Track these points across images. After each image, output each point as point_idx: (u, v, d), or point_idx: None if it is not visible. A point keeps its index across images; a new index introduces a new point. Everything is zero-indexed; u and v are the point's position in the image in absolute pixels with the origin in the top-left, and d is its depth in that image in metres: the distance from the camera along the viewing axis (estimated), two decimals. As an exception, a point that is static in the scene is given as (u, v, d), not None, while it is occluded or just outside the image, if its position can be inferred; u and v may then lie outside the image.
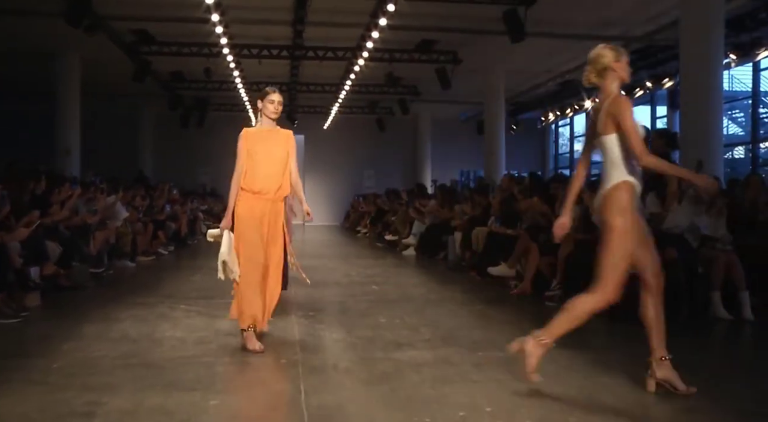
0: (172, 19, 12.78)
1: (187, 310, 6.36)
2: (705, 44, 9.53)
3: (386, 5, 10.93)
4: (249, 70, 16.54)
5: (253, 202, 4.91)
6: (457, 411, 3.47)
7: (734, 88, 18.74)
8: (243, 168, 4.91)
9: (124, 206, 10.57)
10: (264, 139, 4.99)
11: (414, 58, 15.38)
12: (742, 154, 18.43)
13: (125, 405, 3.52)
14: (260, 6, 12.42)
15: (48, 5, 11.60)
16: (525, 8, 11.15)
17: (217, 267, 4.89)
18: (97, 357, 4.51)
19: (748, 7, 11.93)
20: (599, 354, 4.82)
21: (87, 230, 8.70)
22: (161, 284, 8.36)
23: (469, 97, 19.76)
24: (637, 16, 12.84)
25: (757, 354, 5.41)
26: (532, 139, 25.16)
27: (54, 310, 6.48)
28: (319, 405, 3.58)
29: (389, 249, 13.82)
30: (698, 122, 9.47)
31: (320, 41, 14.50)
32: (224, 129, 21.37)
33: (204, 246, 15.10)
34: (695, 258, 6.38)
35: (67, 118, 15.68)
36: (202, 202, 19.34)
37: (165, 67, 16.96)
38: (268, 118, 5.04)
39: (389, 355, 4.55)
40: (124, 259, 10.11)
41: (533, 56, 15.38)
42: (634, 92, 17.04)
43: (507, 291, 7.75)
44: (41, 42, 14.30)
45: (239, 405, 3.68)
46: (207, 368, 4.29)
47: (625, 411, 3.54)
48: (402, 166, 25.17)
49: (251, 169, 4.92)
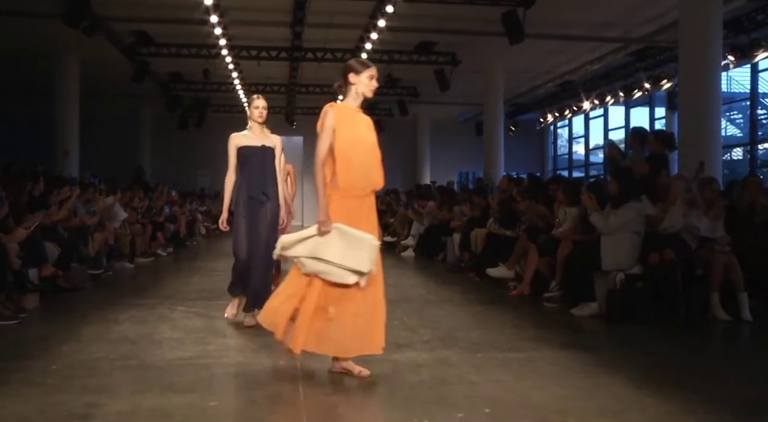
0: (171, 21, 12.79)
1: (186, 311, 6.35)
2: (703, 46, 9.54)
3: (385, 7, 10.94)
4: (248, 72, 16.56)
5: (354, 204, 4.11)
6: (456, 412, 3.47)
7: (732, 89, 18.77)
8: (329, 151, 4.04)
9: (122, 207, 10.58)
10: (356, 123, 4.14)
11: (413, 60, 15.41)
12: (740, 156, 18.45)
13: (124, 406, 3.51)
14: (259, 7, 12.43)
15: (47, 6, 11.60)
16: (524, 9, 11.17)
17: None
18: (95, 359, 4.51)
19: (746, 9, 11.95)
20: (598, 354, 4.82)
21: (86, 231, 8.70)
22: (160, 285, 8.35)
23: (468, 98, 19.77)
24: (636, 18, 12.86)
25: (755, 355, 5.41)
26: (530, 140, 25.17)
27: (52, 312, 6.47)
28: (318, 406, 3.58)
29: (388, 251, 13.82)
30: (697, 123, 9.48)
31: (319, 43, 14.52)
32: (223, 130, 21.25)
33: (202, 248, 15.11)
34: (693, 259, 6.39)
35: (65, 118, 15.69)
36: (200, 204, 19.35)
37: (164, 68, 16.96)
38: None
39: (388, 356, 4.54)
40: (122, 260, 10.11)
41: (532, 57, 15.41)
42: (632, 93, 17.09)
43: (506, 292, 7.75)
44: (40, 43, 14.30)
45: (238, 406, 3.67)
46: (206, 369, 4.29)
47: (623, 411, 3.54)
48: (401, 167, 25.17)
49: (346, 163, 4.06)
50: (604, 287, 6.23)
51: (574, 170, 23.39)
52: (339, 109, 4.08)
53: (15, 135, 20.11)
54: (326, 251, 3.92)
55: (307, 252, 3.96)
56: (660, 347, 5.26)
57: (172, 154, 23.70)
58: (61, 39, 13.26)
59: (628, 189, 6.42)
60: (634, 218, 6.32)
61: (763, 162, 16.78)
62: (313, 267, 3.94)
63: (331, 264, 3.90)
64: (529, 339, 5.28)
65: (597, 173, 21.01)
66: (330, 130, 4.04)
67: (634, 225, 6.33)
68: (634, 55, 15.65)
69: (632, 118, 20.12)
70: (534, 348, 4.96)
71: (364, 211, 4.11)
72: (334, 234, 3.95)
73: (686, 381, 4.06)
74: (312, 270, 3.95)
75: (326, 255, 3.91)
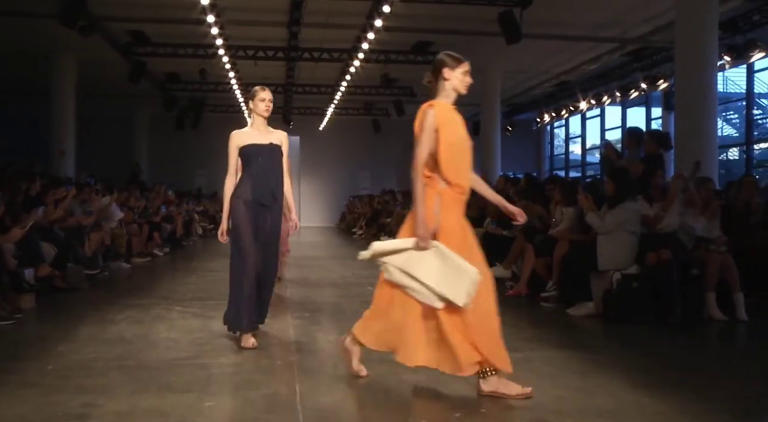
0: (167, 20, 12.78)
1: (183, 312, 6.35)
2: (700, 46, 9.56)
3: (381, 6, 10.94)
4: (244, 72, 16.54)
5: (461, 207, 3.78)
6: (453, 412, 3.47)
7: (728, 89, 18.83)
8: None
9: (119, 207, 10.56)
10: (457, 122, 3.87)
11: (409, 60, 15.41)
12: (736, 156, 18.50)
13: (120, 407, 3.51)
14: (256, 7, 12.42)
15: (43, 6, 11.58)
16: (520, 10, 11.19)
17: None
18: (92, 359, 4.50)
19: (742, 9, 11.99)
20: (595, 354, 4.83)
21: (82, 231, 8.69)
22: (156, 285, 8.34)
23: (464, 98, 19.54)
24: (633, 18, 12.88)
25: (751, 354, 5.42)
26: (527, 140, 25.20)
27: (49, 312, 6.46)
28: (315, 406, 3.57)
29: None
30: (693, 124, 9.51)
31: (316, 43, 14.51)
32: (220, 130, 21.32)
33: (199, 248, 15.09)
34: (690, 259, 6.40)
35: (62, 118, 15.67)
36: (197, 204, 19.33)
37: (160, 68, 16.94)
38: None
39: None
40: (119, 261, 10.09)
41: (529, 57, 15.42)
42: (629, 93, 17.12)
43: (503, 293, 7.75)
44: (36, 43, 14.27)
45: (234, 406, 3.67)
46: (202, 369, 4.29)
47: (620, 411, 3.54)
48: (398, 168, 25.18)
49: (453, 167, 3.71)
50: (601, 287, 6.24)
51: (571, 170, 23.42)
52: (441, 109, 3.78)
53: (11, 135, 20.07)
54: (420, 270, 3.61)
55: (398, 264, 3.66)
56: (657, 347, 5.26)
57: (168, 154, 23.69)
58: (58, 39, 13.22)
59: (624, 189, 6.43)
60: (630, 218, 6.33)
61: (759, 162, 16.82)
62: (402, 280, 3.66)
63: (422, 284, 3.60)
64: (526, 339, 5.28)
65: (594, 173, 21.03)
66: (432, 131, 3.69)
67: (631, 225, 6.34)
68: (630, 55, 15.68)
69: (629, 118, 20.17)
70: (531, 348, 4.97)
71: (468, 226, 3.79)
72: (432, 254, 3.61)
73: (683, 381, 4.07)
74: (398, 281, 3.67)
75: (420, 275, 3.60)
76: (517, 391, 3.66)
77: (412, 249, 3.64)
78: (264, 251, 4.88)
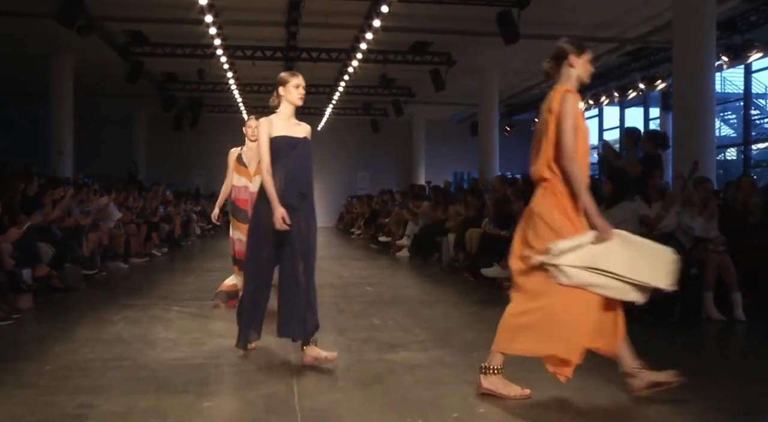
0: (165, 20, 12.76)
1: (181, 312, 6.34)
2: (697, 46, 9.57)
3: (380, 7, 10.94)
4: (243, 72, 16.53)
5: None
6: (450, 412, 3.47)
7: (726, 90, 18.86)
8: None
9: (117, 207, 10.55)
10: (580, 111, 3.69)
11: (408, 60, 15.41)
12: (734, 156, 18.54)
13: (118, 407, 3.51)
14: (254, 7, 12.41)
15: (41, 6, 11.56)
16: (519, 10, 11.19)
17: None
18: (89, 360, 4.50)
19: (740, 9, 11.99)
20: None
21: (80, 231, 8.68)
22: (154, 286, 8.33)
23: (463, 98, 19.79)
24: (631, 19, 12.89)
25: (749, 354, 5.43)
26: (525, 141, 25.09)
27: (46, 312, 6.45)
28: (313, 406, 3.57)
29: (383, 251, 13.82)
30: (691, 124, 9.51)
31: (314, 43, 14.51)
32: (218, 130, 21.40)
33: (197, 248, 15.08)
34: (688, 259, 6.40)
35: (60, 118, 15.64)
36: (195, 204, 19.32)
37: (158, 68, 16.93)
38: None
39: (383, 357, 4.55)
40: (117, 261, 10.08)
41: (527, 58, 15.36)
42: (627, 93, 17.14)
43: (500, 292, 7.74)
44: (34, 42, 14.26)
45: (232, 407, 3.67)
46: (200, 370, 4.28)
47: (619, 411, 3.55)
48: (396, 168, 25.20)
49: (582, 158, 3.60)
50: (599, 287, 6.23)
51: (569, 170, 23.40)
52: (576, 96, 3.63)
53: (9, 135, 20.04)
54: (609, 262, 3.41)
55: (581, 262, 3.42)
56: (655, 346, 5.25)
57: (167, 154, 23.67)
58: (56, 39, 13.21)
59: (621, 189, 6.44)
60: (628, 218, 6.33)
61: (756, 162, 16.86)
62: (585, 279, 3.43)
63: (614, 277, 3.42)
64: (524, 339, 5.28)
65: (592, 173, 21.03)
66: (573, 118, 3.53)
67: (628, 225, 6.31)
68: (628, 55, 15.69)
69: (627, 118, 20.20)
70: (529, 348, 4.96)
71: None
72: (617, 243, 3.46)
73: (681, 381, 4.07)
74: (580, 281, 3.44)
75: (611, 267, 3.40)
76: (516, 393, 3.66)
77: (592, 244, 3.44)
78: (304, 257, 4.32)
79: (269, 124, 4.41)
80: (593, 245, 3.45)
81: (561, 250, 3.44)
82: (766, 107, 19.57)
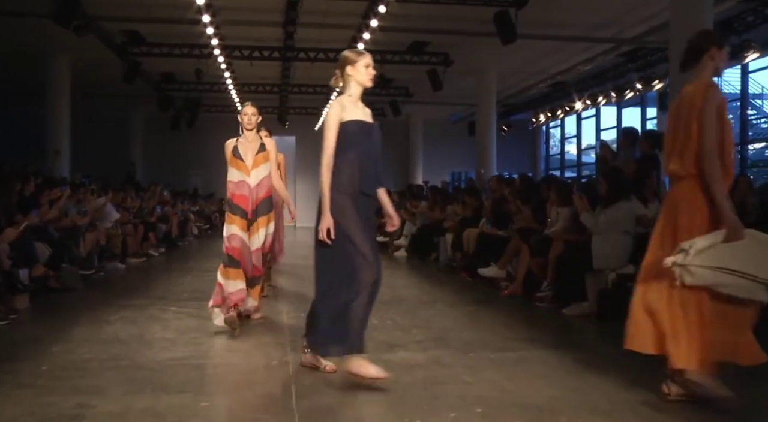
0: (162, 20, 12.75)
1: (178, 312, 6.34)
2: (695, 46, 9.57)
3: (377, 7, 10.94)
4: (240, 72, 16.52)
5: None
6: (448, 412, 3.47)
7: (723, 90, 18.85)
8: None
9: (114, 207, 10.54)
10: None
11: (405, 60, 15.41)
12: (731, 156, 18.52)
13: (115, 407, 3.50)
14: (251, 7, 12.40)
15: (37, 6, 11.54)
16: (516, 10, 11.19)
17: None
18: (86, 360, 4.49)
19: (737, 10, 12.02)
20: (589, 354, 4.84)
21: (77, 231, 8.67)
22: (152, 286, 8.32)
23: (460, 98, 19.80)
24: (628, 19, 12.90)
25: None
26: (523, 141, 25.22)
27: (43, 312, 6.44)
28: (310, 406, 3.57)
29: (381, 251, 13.81)
30: (688, 124, 9.51)
31: (311, 43, 14.50)
32: (215, 130, 21.35)
33: (195, 248, 15.06)
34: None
35: (57, 118, 15.62)
36: (192, 204, 19.30)
37: (155, 68, 16.90)
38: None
39: (381, 356, 4.54)
40: (114, 261, 10.07)
41: (524, 58, 15.43)
42: (624, 93, 17.16)
43: (498, 292, 7.76)
44: (30, 42, 14.23)
45: (230, 407, 3.67)
46: (197, 370, 4.28)
47: (614, 411, 3.55)
48: (393, 168, 25.15)
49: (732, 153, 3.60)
50: (596, 287, 6.25)
51: (567, 170, 23.47)
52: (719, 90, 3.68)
53: (6, 135, 20.00)
54: (739, 261, 3.39)
55: (710, 262, 3.39)
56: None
57: (164, 154, 23.63)
58: (53, 39, 13.18)
59: (617, 189, 6.44)
60: (624, 218, 6.35)
61: (753, 162, 16.88)
62: (714, 279, 3.40)
63: (743, 276, 3.38)
64: (521, 339, 5.29)
65: (589, 173, 21.06)
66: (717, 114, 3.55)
67: (625, 225, 6.35)
68: (625, 55, 15.71)
69: (624, 119, 20.21)
70: (526, 348, 4.98)
71: None
72: (747, 243, 3.44)
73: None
74: (707, 281, 3.42)
75: (742, 267, 3.37)
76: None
77: (720, 243, 3.42)
78: (377, 253, 3.98)
79: (341, 106, 3.88)
80: (723, 244, 3.43)
81: (697, 250, 3.40)
82: (762, 107, 19.61)
